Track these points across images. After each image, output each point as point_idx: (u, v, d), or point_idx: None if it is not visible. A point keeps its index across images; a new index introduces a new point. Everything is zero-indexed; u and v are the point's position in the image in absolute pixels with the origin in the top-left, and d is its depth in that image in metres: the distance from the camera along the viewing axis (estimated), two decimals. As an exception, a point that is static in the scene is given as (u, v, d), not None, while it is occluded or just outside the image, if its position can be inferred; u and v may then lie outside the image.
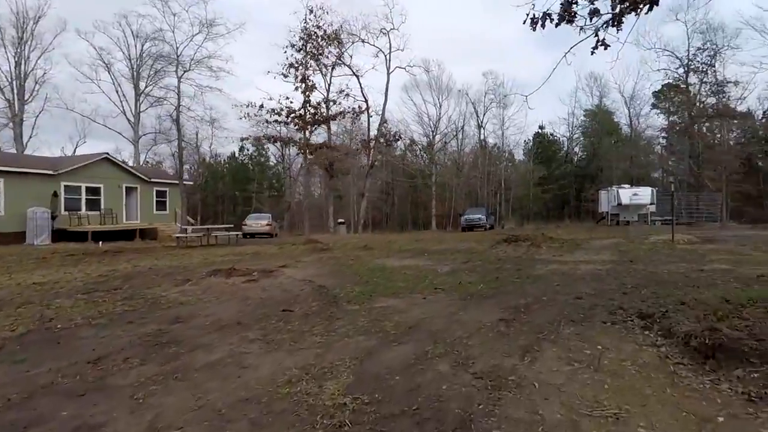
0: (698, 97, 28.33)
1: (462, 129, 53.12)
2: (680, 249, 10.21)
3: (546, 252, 10.78)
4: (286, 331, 4.66)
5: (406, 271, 8.26)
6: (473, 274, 7.65)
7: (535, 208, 55.00)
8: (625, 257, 9.28)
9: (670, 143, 50.01)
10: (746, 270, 7.22)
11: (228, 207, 72.30)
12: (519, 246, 12.00)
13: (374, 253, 11.82)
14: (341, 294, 6.34)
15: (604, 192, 34.93)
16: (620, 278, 6.78)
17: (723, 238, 12.18)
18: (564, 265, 8.47)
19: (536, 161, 56.53)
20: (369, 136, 28.30)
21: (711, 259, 8.58)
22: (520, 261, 9.22)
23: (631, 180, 43.11)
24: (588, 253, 10.19)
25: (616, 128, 54.69)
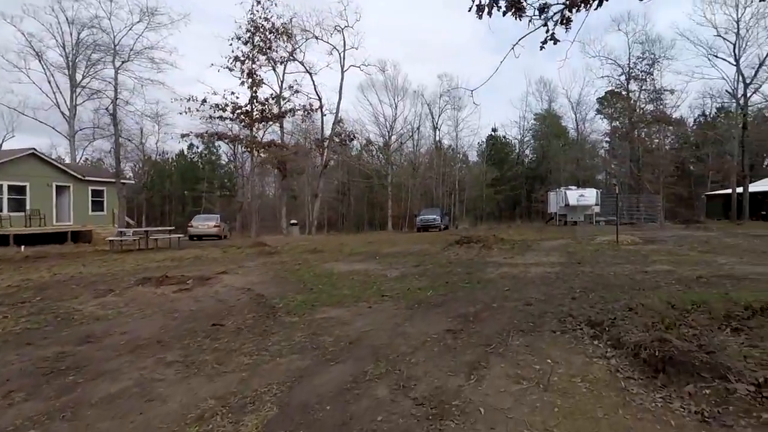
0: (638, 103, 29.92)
1: (418, 130, 53.45)
2: (624, 250, 10.46)
3: (497, 254, 10.73)
4: (211, 350, 4.15)
5: (354, 276, 7.86)
6: (423, 279, 7.38)
7: (488, 208, 56.24)
8: (573, 259, 9.36)
9: (613, 147, 52.72)
10: (685, 271, 7.39)
11: (176, 207, 68.96)
12: (471, 248, 11.92)
13: (324, 256, 11.34)
14: (281, 304, 5.85)
15: (552, 193, 36.14)
16: (569, 281, 6.72)
17: (662, 238, 12.68)
18: (514, 267, 8.39)
19: (489, 163, 57.88)
20: (323, 136, 27.69)
21: (653, 260, 8.78)
22: (471, 264, 9.07)
23: (577, 182, 44.98)
24: (538, 255, 10.22)
25: (564, 132, 57.00)
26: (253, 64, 13.97)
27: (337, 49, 28.75)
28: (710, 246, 10.82)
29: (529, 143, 61.21)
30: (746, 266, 7.84)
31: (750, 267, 7.74)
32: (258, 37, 13.91)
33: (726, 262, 8.28)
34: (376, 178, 54.53)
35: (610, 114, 51.29)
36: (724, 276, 6.74)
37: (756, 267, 7.70)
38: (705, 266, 7.86)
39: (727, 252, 9.80)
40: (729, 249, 10.31)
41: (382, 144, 56.05)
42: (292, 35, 17.51)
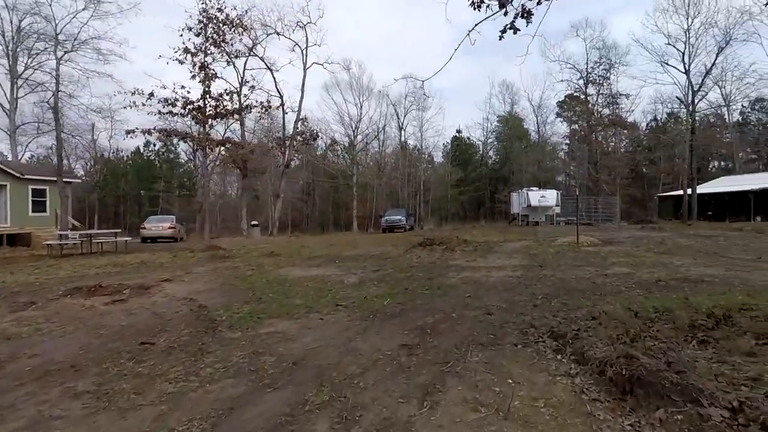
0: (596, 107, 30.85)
1: (383, 130, 53.22)
2: (584, 251, 10.49)
3: (460, 256, 10.52)
4: (132, 375, 3.61)
5: (309, 283, 7.40)
6: (382, 285, 7.01)
7: (453, 208, 56.70)
8: (535, 261, 9.25)
9: (572, 149, 54.43)
10: (644, 274, 7.37)
11: (131, 208, 65.82)
12: (434, 250, 11.68)
13: (280, 261, 10.79)
14: (224, 317, 5.33)
15: (515, 194, 36.77)
16: (531, 287, 6.52)
17: (620, 239, 12.89)
18: (476, 271, 8.16)
19: (454, 164, 58.40)
20: (284, 134, 26.88)
21: (612, 262, 8.78)
22: (433, 268, 8.79)
23: (538, 183, 46.05)
24: (500, 258, 10.08)
25: (526, 134, 58.29)
26: (205, 57, 13.23)
27: (300, 46, 28.13)
28: (665, 247, 11.03)
29: (492, 145, 62.25)
30: (700, 268, 7.92)
31: (703, 268, 7.82)
32: (211, 28, 13.20)
33: (681, 264, 8.36)
34: (341, 178, 53.94)
35: (569, 117, 52.96)
36: (682, 279, 6.73)
37: (709, 268, 7.79)
38: (662, 268, 7.89)
39: (681, 253, 9.98)
40: (683, 250, 10.52)
41: (347, 144, 55.51)
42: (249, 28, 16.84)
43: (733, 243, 11.68)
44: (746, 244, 11.36)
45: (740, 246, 11.01)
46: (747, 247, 10.76)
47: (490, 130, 60.46)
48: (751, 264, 8.31)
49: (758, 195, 33.98)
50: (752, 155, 62.46)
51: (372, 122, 51.79)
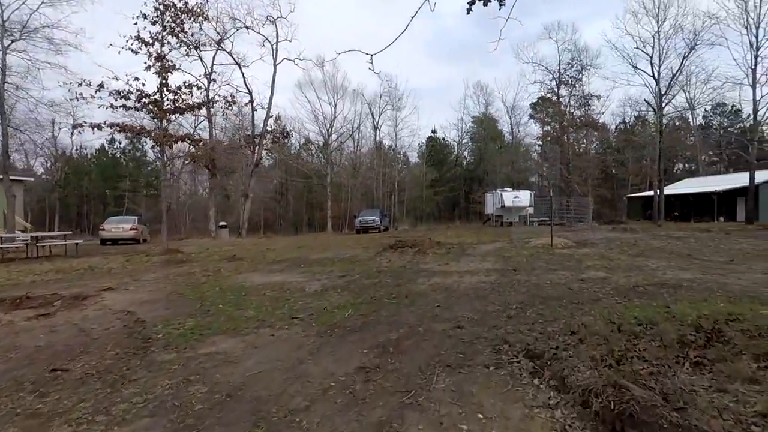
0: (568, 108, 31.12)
1: (358, 129, 52.63)
2: (558, 254, 10.22)
3: (432, 260, 10.08)
4: (27, 415, 2.96)
5: (267, 291, 6.78)
6: (345, 294, 6.46)
7: (427, 209, 56.58)
8: (508, 265, 8.88)
9: (545, 150, 55.15)
10: (620, 278, 7.08)
11: (96, 208, 63.08)
12: (405, 253, 11.21)
13: (241, 265, 10.09)
14: (161, 333, 4.69)
15: (489, 195, 36.81)
16: (505, 294, 6.10)
17: (593, 241, 12.74)
18: (448, 276, 7.71)
19: (429, 164, 58.31)
20: (254, 132, 25.93)
21: (587, 266, 8.50)
22: (402, 273, 8.29)
23: (512, 183, 46.37)
24: (473, 261, 9.68)
25: (500, 135, 58.72)
26: (162, 47, 12.35)
27: (270, 41, 27.27)
28: (638, 249, 10.89)
29: (467, 145, 62.49)
30: (676, 271, 7.71)
31: (679, 272, 7.60)
32: (168, 16, 12.34)
33: (657, 267, 8.14)
34: (315, 177, 53.01)
35: (542, 119, 53.61)
36: (659, 284, 6.45)
37: (684, 272, 7.57)
38: (638, 272, 7.63)
39: (655, 255, 9.82)
40: (656, 252, 10.38)
41: (321, 143, 54.66)
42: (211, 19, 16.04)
43: (704, 244, 11.67)
44: (716, 246, 11.36)
45: (711, 247, 10.98)
46: (718, 249, 10.72)
47: (465, 130, 60.72)
48: (724, 266, 8.16)
49: (721, 196, 35.05)
50: (714, 158, 64.83)
51: (347, 121, 51.15)
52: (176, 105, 12.86)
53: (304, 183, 55.92)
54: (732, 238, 12.99)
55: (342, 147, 56.37)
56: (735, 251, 10.28)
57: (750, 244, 11.49)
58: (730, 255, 9.64)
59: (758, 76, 18.84)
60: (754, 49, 19.15)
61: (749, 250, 10.43)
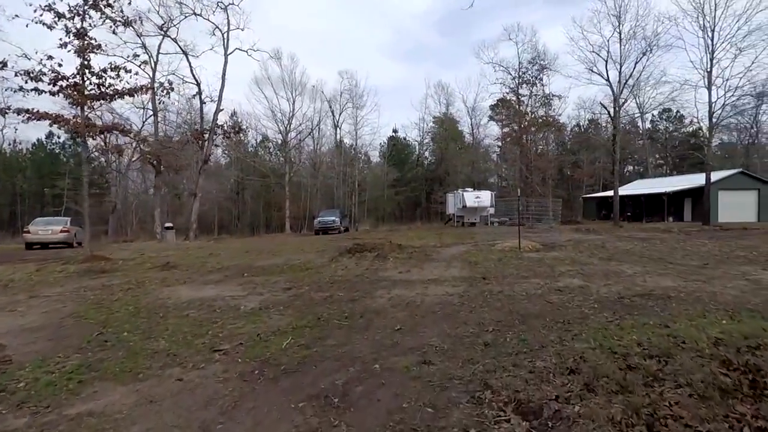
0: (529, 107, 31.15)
1: (318, 127, 51.16)
2: (528, 258, 9.52)
3: (392, 266, 9.11)
4: None
5: (192, 311, 5.56)
6: (288, 313, 5.35)
7: (389, 209, 55.86)
8: (477, 272, 8.05)
9: (503, 151, 55.75)
10: (600, 287, 6.38)
11: (32, 208, 58.08)
12: (363, 258, 10.19)
13: (173, 275, 8.71)
14: (24, 380, 3.43)
15: (451, 195, 36.46)
16: (477, 310, 5.20)
17: (560, 243, 12.23)
18: (411, 288, 6.75)
19: (390, 163, 57.62)
20: (202, 126, 24.06)
21: (561, 272, 7.80)
22: (358, 283, 7.27)
23: (473, 184, 46.41)
24: (438, 267, 8.79)
25: (460, 135, 58.88)
26: (83, 22, 10.69)
27: (220, 29, 25.51)
28: (608, 252, 10.39)
29: (428, 145, 62.27)
30: (654, 277, 7.12)
31: (658, 278, 7.02)
32: (91, -14, 10.78)
33: (633, 273, 7.54)
34: (273, 176, 51.03)
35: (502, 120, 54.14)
36: (644, 294, 5.77)
37: (663, 278, 7.00)
38: (616, 280, 6.97)
39: (626, 259, 9.31)
40: (626, 255, 9.89)
41: (280, 141, 52.74)
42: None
43: (671, 246, 11.37)
44: (683, 248, 11.08)
45: (679, 249, 10.65)
46: (686, 251, 10.40)
47: (426, 130, 60.47)
48: (700, 271, 7.68)
49: (671, 197, 36.36)
50: (660, 161, 68.06)
51: (306, 119, 49.55)
52: (102, 90, 11.22)
53: (261, 182, 53.82)
54: (695, 240, 12.86)
55: (301, 145, 54.73)
56: (704, 254, 9.96)
57: (714, 246, 11.30)
58: (701, 258, 9.27)
59: (713, 79, 19.22)
60: (709, 51, 19.54)
61: (716, 252, 10.16)
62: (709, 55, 18.87)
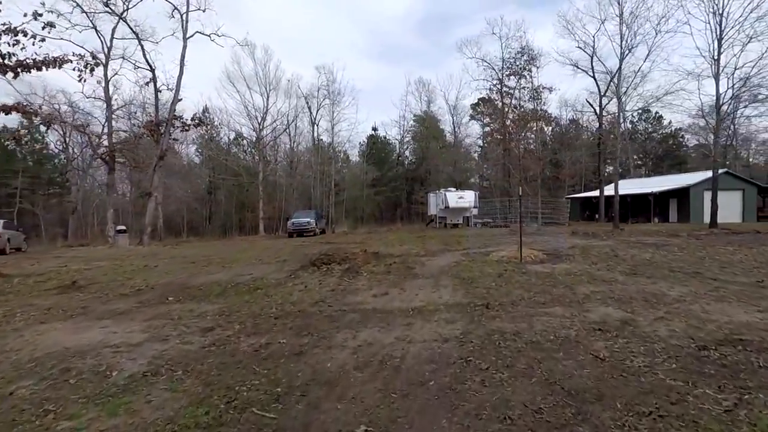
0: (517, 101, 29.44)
1: (293, 123, 48.77)
2: (534, 274, 7.64)
3: (366, 286, 7.10)
4: None
5: (30, 380, 3.42)
6: (185, 386, 3.27)
7: (368, 209, 53.82)
8: (475, 295, 6.10)
9: (485, 151, 54.39)
10: (654, 323, 4.52)
11: (-20, 208, 53.91)
12: (331, 272, 8.16)
13: (69, 301, 6.48)
14: None
15: (432, 195, 34.74)
16: (492, 380, 3.23)
17: (566, 252, 10.42)
18: (388, 327, 4.75)
19: (369, 162, 55.61)
20: (157, 117, 21.53)
21: (585, 295, 5.92)
22: (315, 317, 5.22)
23: (454, 184, 44.80)
24: (424, 288, 6.81)
25: (442, 134, 57.29)
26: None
27: (179, 10, 23.04)
28: (627, 264, 8.59)
29: (409, 144, 60.48)
30: (716, 305, 5.31)
31: (722, 306, 5.21)
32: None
33: (680, 297, 5.72)
34: (246, 175, 48.35)
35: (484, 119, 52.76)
36: (729, 340, 3.92)
37: (730, 307, 5.19)
38: (666, 309, 5.13)
39: (656, 274, 7.51)
40: (651, 268, 8.11)
41: (254, 139, 50.10)
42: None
43: (695, 255, 9.65)
44: (711, 257, 9.38)
45: (708, 259, 8.94)
46: (719, 261, 8.69)
47: (407, 129, 58.67)
48: (764, 292, 5.93)
49: (657, 197, 35.47)
50: (638, 161, 68.11)
51: (281, 115, 47.09)
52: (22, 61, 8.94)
53: (234, 181, 51.07)
54: (717, 246, 11.22)
55: (277, 143, 52.28)
56: (744, 265, 8.28)
57: (745, 254, 9.67)
58: (746, 272, 7.56)
59: (722, 67, 17.76)
60: (716, 37, 17.90)
61: (754, 262, 8.51)
62: (717, 42, 17.46)
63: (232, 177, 50.42)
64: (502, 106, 30.72)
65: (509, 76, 28.22)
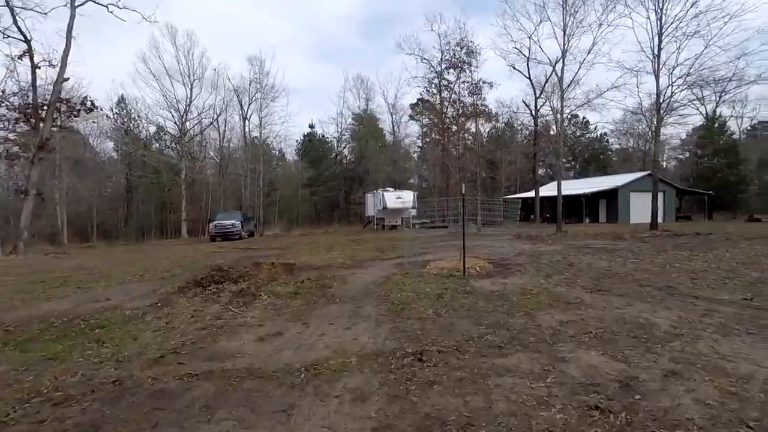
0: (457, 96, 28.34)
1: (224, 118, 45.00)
2: (482, 293, 6.00)
3: (256, 318, 5.07)
4: None
5: None
6: None
7: (303, 210, 51.11)
8: (405, 333, 4.30)
9: (424, 153, 53.76)
10: (669, 388, 2.95)
11: None
12: (216, 297, 6.03)
13: None
14: None
15: (370, 195, 33.12)
16: None
17: (511, 258, 9.00)
18: (243, 428, 2.78)
19: (305, 161, 52.93)
20: (35, 99, 17.72)
21: (554, 330, 4.32)
22: (140, 389, 3.15)
23: (394, 184, 43.46)
24: (335, 321, 4.90)
25: (381, 133, 55.87)
26: None
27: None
28: (586, 275, 7.24)
29: (347, 142, 58.44)
30: (725, 343, 3.91)
31: (733, 345, 3.82)
32: None
33: (674, 329, 4.29)
34: (166, 173, 43.83)
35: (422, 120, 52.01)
36: None
37: (745, 347, 3.81)
38: (669, 354, 3.63)
39: (625, 290, 6.15)
40: (618, 282, 6.73)
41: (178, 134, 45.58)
42: None
43: (657, 263, 8.50)
44: (672, 265, 8.30)
45: (674, 269, 7.82)
46: (685, 271, 7.58)
47: (345, 127, 56.61)
48: (763, 314, 4.69)
49: (589, 198, 36.33)
50: (567, 164, 71.25)
51: (208, 108, 43.12)
52: None
53: (155, 179, 46.27)
54: (670, 251, 10.33)
55: (205, 139, 48.18)
56: (709, 273, 7.22)
57: (706, 260, 8.76)
58: (722, 284, 6.42)
59: (662, 63, 17.52)
60: (657, 28, 17.55)
61: (717, 269, 7.51)
62: (658, 37, 17.22)
63: (152, 174, 45.71)
64: (440, 100, 29.61)
65: (448, 69, 27.14)
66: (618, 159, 68.85)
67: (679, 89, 17.51)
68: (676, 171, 57.61)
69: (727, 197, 45.67)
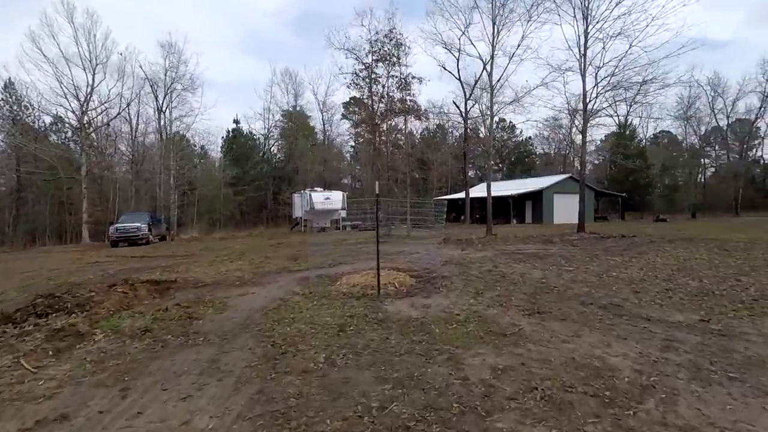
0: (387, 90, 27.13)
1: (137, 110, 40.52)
2: (396, 320, 4.69)
3: (60, 378, 3.32)
4: None
5: None
6: None
7: (227, 211, 47.64)
8: (273, 403, 2.83)
9: (357, 151, 52.56)
10: None
11: None
12: (26, 337, 4.16)
13: None
14: None
15: (297, 195, 31.17)
16: None
17: (436, 269, 7.82)
18: None
19: (229, 158, 49.44)
20: None
21: (487, 385, 3.07)
22: None
23: (325, 184, 41.67)
24: (178, 382, 3.31)
25: (312, 131, 53.78)
26: None
27: None
28: (522, 292, 6.16)
29: (276, 140, 55.57)
30: (715, 395, 2.88)
31: (731, 401, 2.79)
32: None
33: (644, 375, 3.22)
34: (63, 169, 38.57)
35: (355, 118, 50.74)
36: None
37: (737, 401, 2.79)
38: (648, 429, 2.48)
39: (568, 312, 5.14)
40: (558, 301, 5.76)
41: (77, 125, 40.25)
42: None
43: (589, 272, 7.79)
44: (609, 274, 7.59)
45: (608, 279, 7.05)
46: (624, 282, 6.82)
47: (273, 124, 53.74)
48: (735, 347, 3.80)
49: (516, 200, 37.14)
50: (495, 166, 73.70)
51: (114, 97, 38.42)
52: None
53: (49, 176, 40.69)
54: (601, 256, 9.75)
55: (113, 132, 43.27)
56: (649, 285, 6.49)
57: (635, 266, 8.17)
58: (663, 298, 5.63)
59: (588, 63, 17.51)
60: (584, 26, 17.50)
61: (654, 278, 6.85)
62: (584, 36, 17.20)
63: (46, 171, 40.19)
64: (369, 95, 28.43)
65: (377, 62, 26.00)
66: (541, 162, 72.24)
67: (603, 90, 17.65)
68: (592, 174, 61.23)
69: (637, 199, 49.45)
